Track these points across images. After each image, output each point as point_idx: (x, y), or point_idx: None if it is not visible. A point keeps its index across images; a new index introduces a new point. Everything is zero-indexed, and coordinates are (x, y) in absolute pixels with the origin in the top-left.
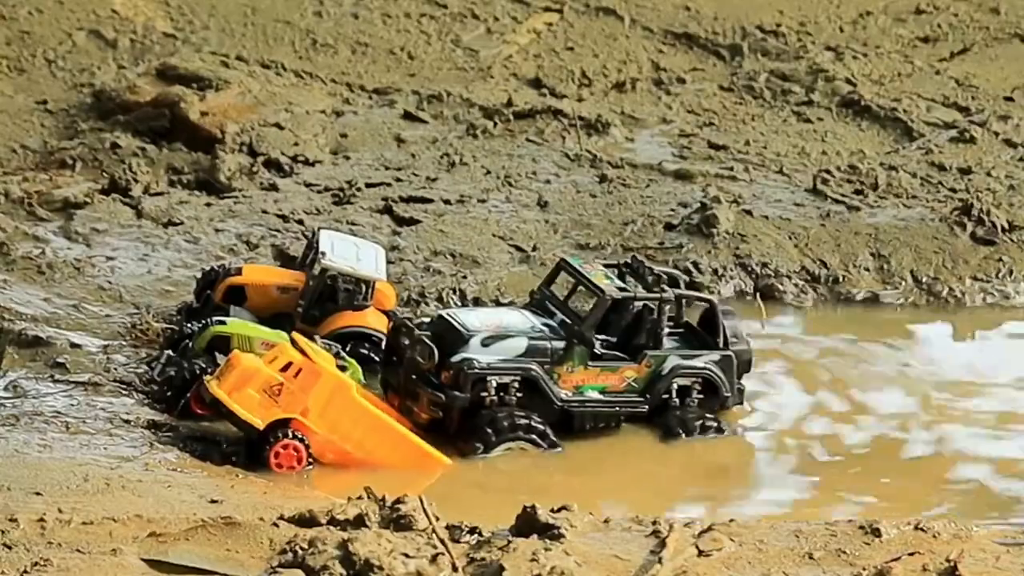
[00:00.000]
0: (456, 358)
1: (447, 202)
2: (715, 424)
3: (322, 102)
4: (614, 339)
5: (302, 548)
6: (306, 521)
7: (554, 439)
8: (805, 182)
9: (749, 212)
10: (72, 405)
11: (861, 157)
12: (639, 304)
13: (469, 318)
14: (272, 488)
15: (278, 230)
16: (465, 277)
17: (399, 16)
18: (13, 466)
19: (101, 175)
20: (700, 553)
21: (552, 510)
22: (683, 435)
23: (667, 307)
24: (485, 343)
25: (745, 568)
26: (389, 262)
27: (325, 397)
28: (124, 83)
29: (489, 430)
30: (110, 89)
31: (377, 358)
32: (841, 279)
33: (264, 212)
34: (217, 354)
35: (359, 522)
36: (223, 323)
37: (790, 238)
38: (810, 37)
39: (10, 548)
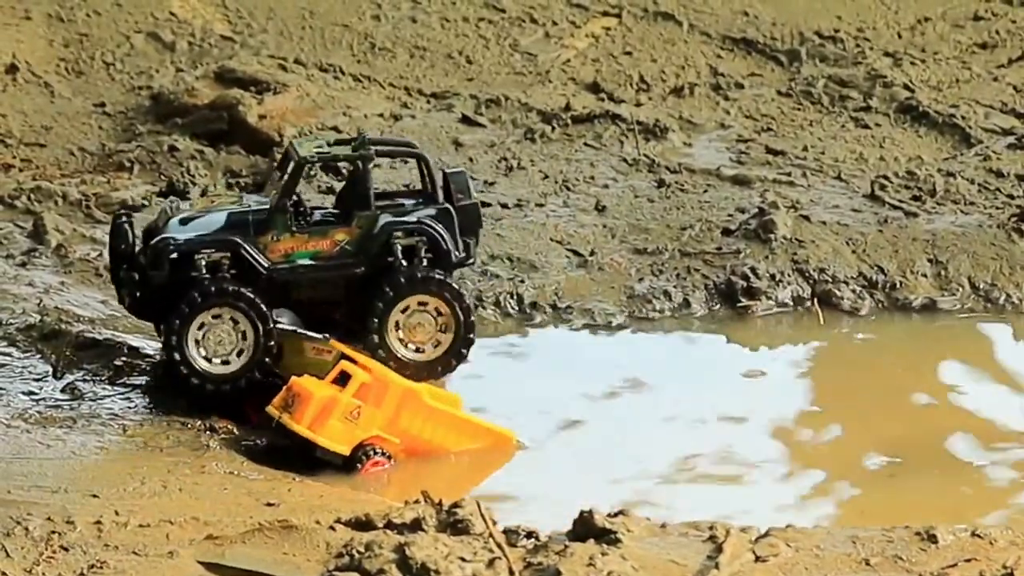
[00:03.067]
0: (153, 240)
1: (505, 206)
2: (438, 277)
3: (380, 106)
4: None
5: (359, 552)
6: (363, 525)
7: (264, 310)
8: (863, 188)
9: (807, 218)
10: (129, 408)
11: (919, 163)
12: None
13: (183, 206)
14: (329, 491)
15: None
16: (523, 281)
17: (457, 20)
18: (71, 468)
19: (159, 178)
20: (757, 559)
21: (609, 514)
22: (409, 287)
23: (370, 164)
24: (183, 222)
25: (802, 574)
26: None
27: (395, 406)
28: (182, 86)
29: (196, 294)
30: (168, 92)
31: None
32: (898, 285)
33: None
34: (267, 360)
35: (416, 526)
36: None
37: (848, 244)
38: (868, 43)
39: (67, 550)
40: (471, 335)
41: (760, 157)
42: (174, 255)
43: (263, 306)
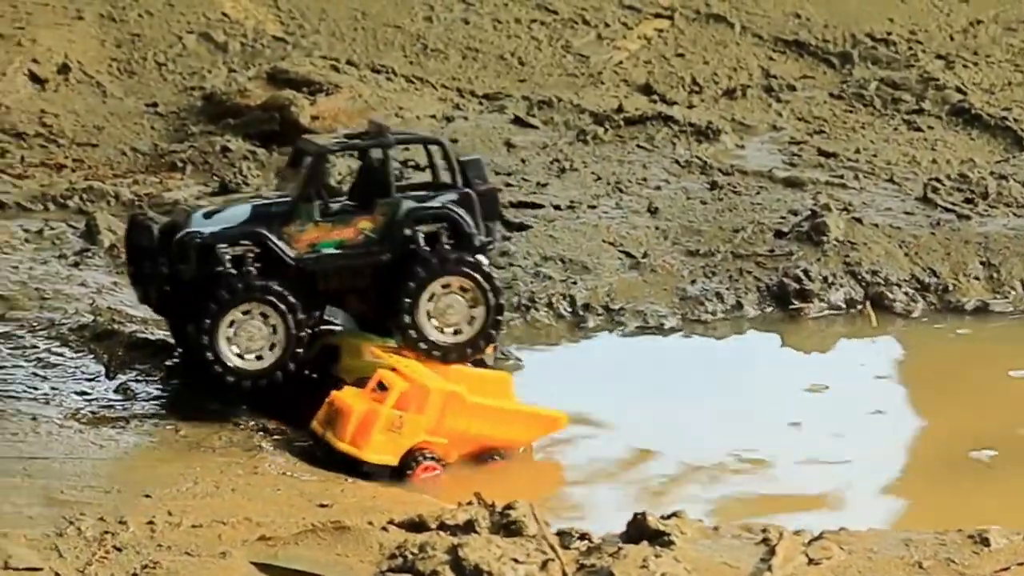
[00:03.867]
0: (179, 235)
1: (557, 208)
2: (472, 261)
3: (432, 107)
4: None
5: (412, 553)
6: (416, 526)
7: (293, 302)
8: (915, 190)
9: (859, 220)
10: (182, 408)
11: (971, 166)
12: (375, 160)
13: (202, 203)
14: (382, 492)
15: None
16: (575, 283)
17: (509, 21)
18: (123, 468)
19: (211, 178)
20: (810, 561)
21: (662, 516)
22: (441, 270)
23: (391, 152)
24: (208, 215)
25: None
26: (499, 267)
27: (438, 410)
28: (234, 86)
29: (223, 291)
30: (220, 92)
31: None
32: (951, 288)
33: None
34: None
35: (469, 527)
36: (332, 333)
37: (900, 246)
38: (920, 45)
39: (120, 550)
40: (501, 302)
41: (812, 159)
42: (200, 248)
43: (292, 298)
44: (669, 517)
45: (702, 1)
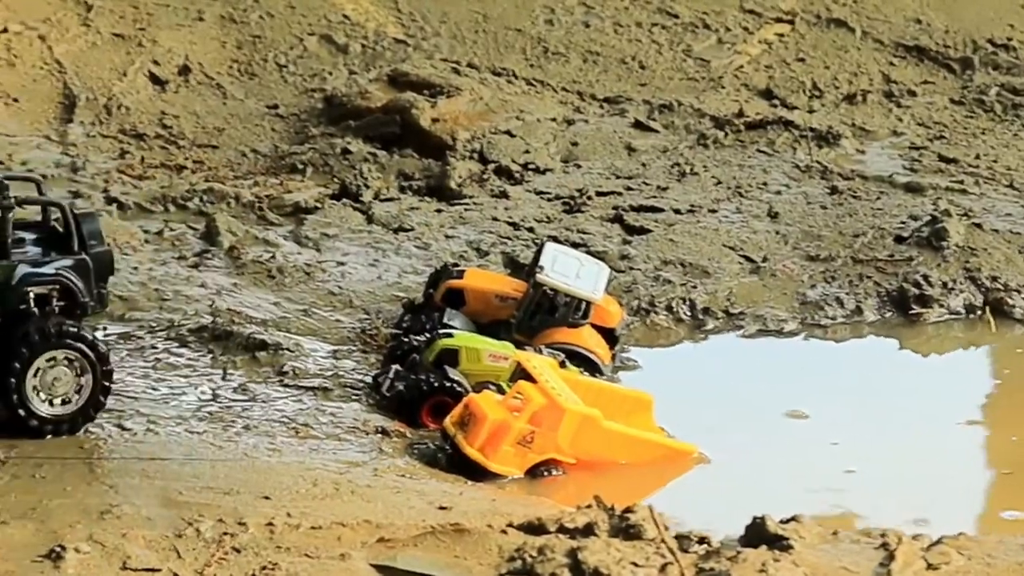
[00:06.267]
0: None
1: (677, 211)
2: (76, 330)
3: (553, 110)
4: None
5: (531, 556)
6: (535, 529)
7: None
8: None
9: (979, 226)
10: (301, 410)
11: None
12: None
13: None
14: (501, 495)
15: (508, 237)
16: (695, 287)
17: (631, 25)
18: (242, 470)
19: (332, 180)
20: (929, 566)
21: (782, 521)
22: (44, 343)
23: (9, 215)
24: None
25: None
26: (619, 271)
27: (572, 432)
28: (355, 89)
29: None
30: (341, 94)
31: (590, 376)
32: None
33: (494, 219)
34: (447, 368)
35: (588, 530)
36: (450, 336)
37: (1020, 252)
38: None
39: (239, 552)
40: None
41: (932, 165)
42: None
43: None
44: (788, 521)
45: (823, 5)
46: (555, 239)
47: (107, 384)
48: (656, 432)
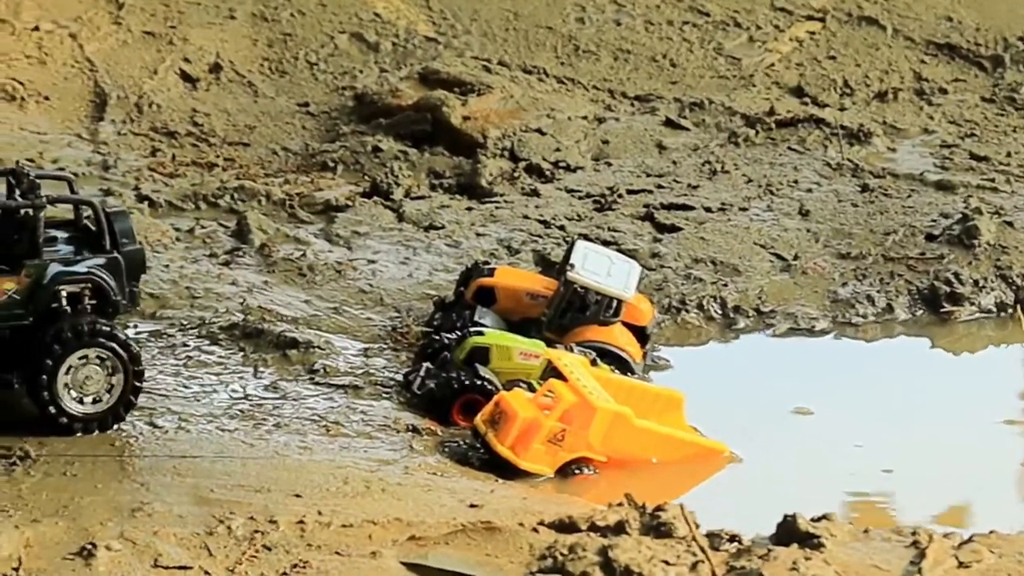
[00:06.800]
0: None
1: (708, 209)
2: (108, 329)
3: (584, 108)
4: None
5: (562, 554)
6: (566, 527)
7: None
8: None
9: (1010, 224)
10: (332, 408)
11: None
12: (24, 213)
13: None
14: (532, 493)
15: (539, 235)
16: (726, 285)
17: (661, 23)
18: (273, 468)
19: (362, 178)
20: (960, 564)
21: (813, 519)
22: (76, 341)
23: (41, 213)
24: None
25: None
26: (650, 269)
27: (604, 429)
28: (386, 87)
29: None
30: (372, 92)
31: (621, 374)
32: None
33: (525, 217)
34: (477, 366)
35: (619, 529)
36: (481, 334)
37: None
38: None
39: (270, 550)
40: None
41: (963, 163)
42: None
43: None
44: (819, 519)
45: (854, 3)
46: (586, 237)
47: (138, 384)
48: (687, 431)
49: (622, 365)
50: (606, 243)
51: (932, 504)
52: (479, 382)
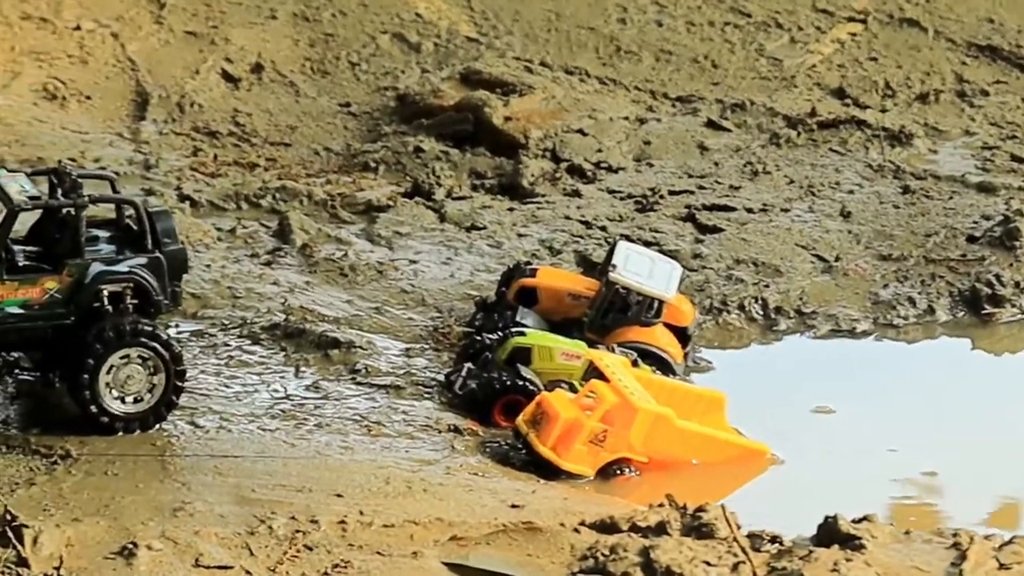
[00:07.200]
0: None
1: (750, 211)
2: (150, 328)
3: (625, 109)
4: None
5: (603, 554)
6: (607, 527)
7: None
8: None
9: None
10: (373, 408)
11: None
12: (66, 212)
13: None
14: (573, 493)
15: (581, 236)
16: (767, 286)
17: (703, 24)
18: (315, 468)
19: (404, 178)
20: (1001, 566)
21: (854, 520)
22: (118, 340)
23: (83, 213)
24: None
25: None
26: (691, 270)
27: (645, 430)
28: (428, 87)
29: None
30: (413, 93)
31: (662, 375)
32: None
33: (567, 218)
34: (519, 366)
35: (661, 529)
36: (522, 334)
37: None
38: None
39: (311, 549)
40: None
41: (1005, 164)
42: None
43: None
44: (860, 521)
45: (896, 5)
46: (628, 238)
47: (180, 383)
48: (729, 431)
49: (663, 366)
50: (647, 244)
51: (974, 506)
52: (521, 382)
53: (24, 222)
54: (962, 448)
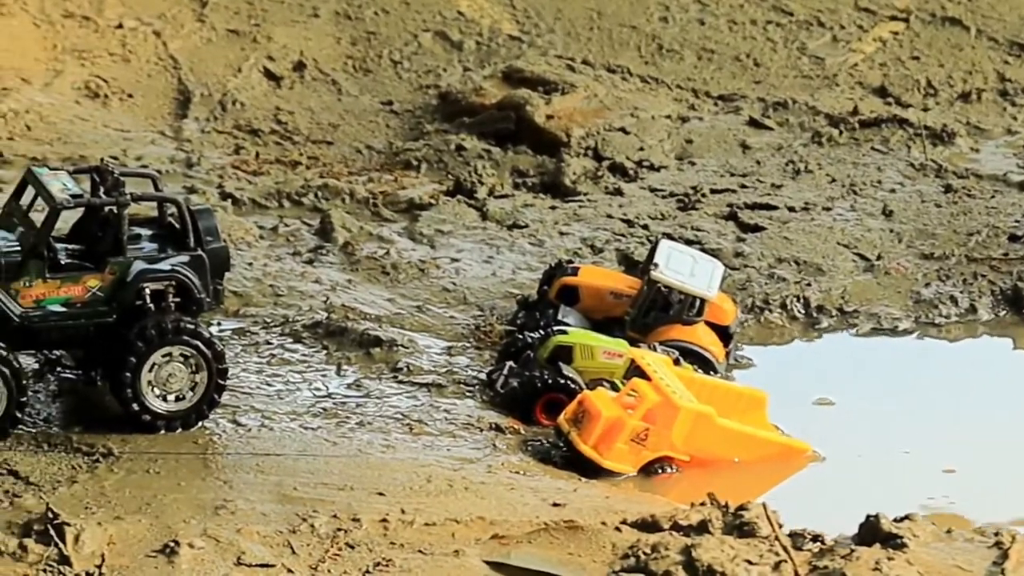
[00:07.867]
0: None
1: (792, 209)
2: (192, 327)
3: (667, 107)
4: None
5: (644, 553)
6: (649, 526)
7: (7, 356)
8: None
9: None
10: (415, 406)
11: None
12: (108, 210)
13: None
14: (614, 492)
15: (623, 235)
16: (809, 285)
17: (745, 23)
18: (356, 466)
19: (446, 177)
20: None
21: (896, 519)
22: (160, 338)
23: (125, 211)
24: None
25: None
26: (733, 268)
27: (687, 429)
28: (470, 85)
29: None
30: (455, 91)
31: (704, 373)
32: None
33: (609, 216)
34: (561, 365)
35: (702, 528)
36: (564, 333)
37: None
38: None
39: (352, 548)
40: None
41: None
42: None
43: (11, 357)
44: (902, 520)
45: (938, 4)
46: (669, 236)
47: (222, 382)
48: (770, 430)
49: (705, 364)
50: (689, 242)
51: (1016, 505)
52: (562, 381)
53: (66, 220)
54: (1007, 448)
